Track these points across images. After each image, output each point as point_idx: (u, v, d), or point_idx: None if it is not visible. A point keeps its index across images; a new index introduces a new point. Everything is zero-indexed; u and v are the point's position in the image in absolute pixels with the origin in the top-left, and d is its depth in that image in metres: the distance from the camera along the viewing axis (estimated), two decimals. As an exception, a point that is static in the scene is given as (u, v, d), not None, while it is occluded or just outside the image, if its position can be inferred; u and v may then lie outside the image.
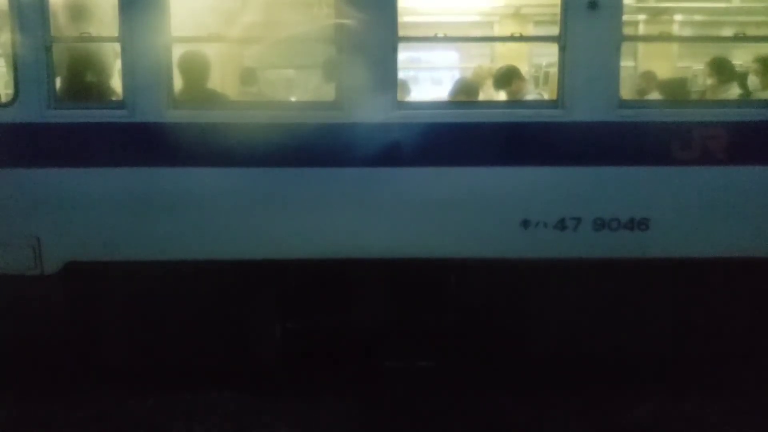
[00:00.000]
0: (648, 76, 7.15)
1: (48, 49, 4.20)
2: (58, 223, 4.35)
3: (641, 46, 8.25)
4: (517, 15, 7.88)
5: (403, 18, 4.67)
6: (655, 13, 8.12)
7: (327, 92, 4.90)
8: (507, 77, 5.76)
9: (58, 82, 4.41)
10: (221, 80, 6.40)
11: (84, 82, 4.58)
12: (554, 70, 4.85)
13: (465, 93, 5.83)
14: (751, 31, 6.26)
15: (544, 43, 5.80)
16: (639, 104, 5.29)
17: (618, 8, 4.27)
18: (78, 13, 4.54)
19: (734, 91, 5.46)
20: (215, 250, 4.42)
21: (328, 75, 5.19)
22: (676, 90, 6.88)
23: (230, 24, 5.23)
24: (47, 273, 4.41)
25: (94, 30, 4.48)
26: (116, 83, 4.64)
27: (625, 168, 4.39)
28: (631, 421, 4.41)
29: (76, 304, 4.53)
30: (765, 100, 5.06)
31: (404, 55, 6.09)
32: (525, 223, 4.43)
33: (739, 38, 5.36)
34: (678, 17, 8.15)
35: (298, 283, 4.66)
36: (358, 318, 4.71)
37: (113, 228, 4.37)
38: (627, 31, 5.09)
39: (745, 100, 5.18)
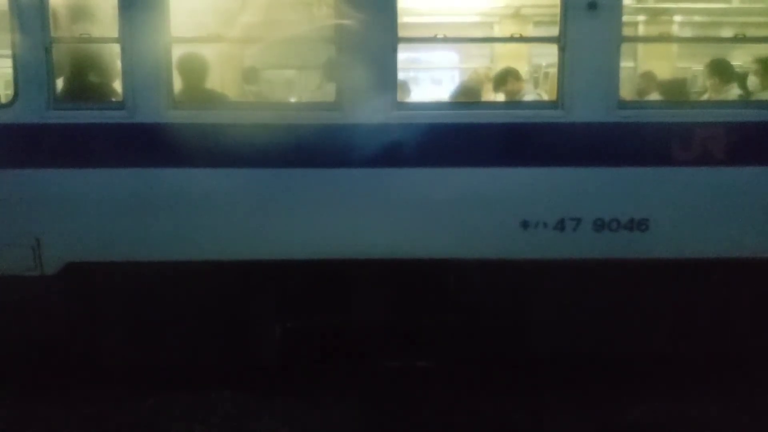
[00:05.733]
0: (647, 77, 7.15)
1: (48, 50, 4.20)
2: (58, 223, 4.35)
3: (641, 47, 8.26)
4: (516, 16, 7.89)
5: (403, 19, 4.67)
6: (654, 14, 8.13)
7: (327, 93, 4.91)
8: (503, 78, 5.78)
9: (58, 83, 4.41)
10: (221, 81, 6.40)
11: (84, 83, 4.58)
12: (554, 71, 4.85)
13: (466, 96, 5.85)
14: (751, 32, 6.25)
15: (543, 43, 5.80)
16: (639, 105, 5.30)
17: (617, 9, 4.27)
18: (78, 14, 4.54)
19: (734, 92, 5.46)
20: (215, 251, 4.42)
21: (328, 75, 5.19)
22: (676, 90, 6.88)
23: (230, 24, 5.23)
24: (47, 274, 4.40)
25: (93, 30, 4.48)
26: (116, 84, 4.64)
27: (624, 169, 4.39)
28: (631, 421, 4.42)
29: (76, 305, 4.53)
30: (765, 100, 5.06)
31: (404, 55, 6.09)
32: (524, 224, 4.43)
33: (739, 39, 5.36)
34: (678, 18, 8.16)
35: (298, 284, 4.66)
36: (358, 318, 4.71)
37: (113, 229, 4.36)
38: (627, 31, 5.10)
39: (745, 101, 5.18)
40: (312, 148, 4.33)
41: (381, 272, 4.58)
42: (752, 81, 5.55)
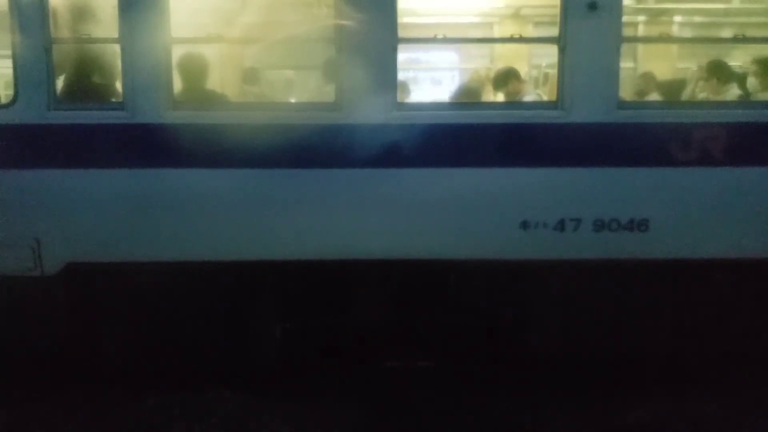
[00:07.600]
0: (647, 77, 7.16)
1: (48, 50, 4.20)
2: (57, 224, 4.35)
3: (641, 48, 8.26)
4: (516, 16, 7.90)
5: (403, 19, 4.67)
6: (654, 15, 8.13)
7: (327, 93, 4.91)
8: (504, 78, 5.78)
9: (58, 83, 4.41)
10: (221, 81, 6.40)
11: (84, 83, 4.57)
12: (554, 71, 4.85)
13: (467, 97, 5.85)
14: (751, 33, 6.26)
15: (543, 44, 5.80)
16: (638, 105, 5.30)
17: (617, 9, 4.27)
18: (78, 14, 4.54)
19: (733, 93, 5.47)
20: (215, 251, 4.42)
21: (327, 76, 5.19)
22: (676, 91, 6.88)
23: (230, 25, 5.23)
24: (47, 274, 4.41)
25: (94, 31, 4.48)
26: (116, 84, 4.64)
27: (624, 169, 4.40)
28: (631, 421, 4.42)
29: (76, 305, 4.53)
30: (764, 101, 5.07)
31: (404, 56, 6.09)
32: (524, 224, 4.43)
33: (739, 39, 5.36)
34: (677, 18, 8.17)
35: (297, 284, 4.66)
36: (358, 318, 4.71)
37: (113, 229, 4.37)
38: (626, 32, 5.11)
39: (744, 101, 5.18)
40: (312, 149, 4.33)
41: (381, 273, 4.58)
42: (751, 81, 5.56)
